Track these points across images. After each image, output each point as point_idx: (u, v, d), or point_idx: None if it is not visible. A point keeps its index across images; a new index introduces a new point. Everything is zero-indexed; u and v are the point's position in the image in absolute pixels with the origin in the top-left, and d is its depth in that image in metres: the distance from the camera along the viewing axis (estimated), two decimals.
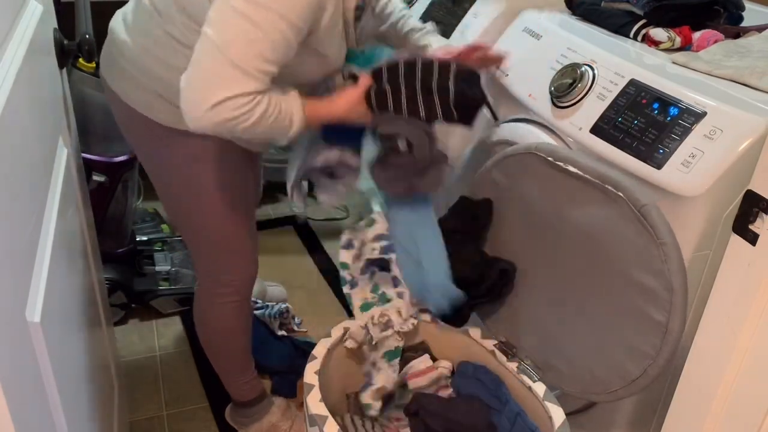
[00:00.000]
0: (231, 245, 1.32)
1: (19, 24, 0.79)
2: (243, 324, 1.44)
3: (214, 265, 1.34)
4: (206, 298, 1.39)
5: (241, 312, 1.41)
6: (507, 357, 1.18)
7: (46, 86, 0.90)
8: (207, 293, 1.38)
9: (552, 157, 1.08)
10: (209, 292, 1.38)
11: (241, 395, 1.53)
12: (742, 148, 0.95)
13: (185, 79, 0.96)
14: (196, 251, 1.35)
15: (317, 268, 2.23)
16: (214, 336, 1.45)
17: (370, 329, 1.18)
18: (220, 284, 1.35)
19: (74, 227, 1.01)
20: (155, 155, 1.24)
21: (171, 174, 1.24)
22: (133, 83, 1.15)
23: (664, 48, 1.25)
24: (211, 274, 1.36)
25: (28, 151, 0.73)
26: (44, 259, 0.74)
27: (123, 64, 1.14)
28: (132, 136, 1.25)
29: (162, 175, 1.26)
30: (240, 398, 1.53)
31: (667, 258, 0.92)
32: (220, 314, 1.39)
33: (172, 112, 1.07)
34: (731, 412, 0.79)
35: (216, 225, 1.28)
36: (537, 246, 1.15)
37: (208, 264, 1.35)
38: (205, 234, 1.30)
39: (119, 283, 1.84)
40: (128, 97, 1.16)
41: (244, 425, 1.56)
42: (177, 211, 1.31)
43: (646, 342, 0.97)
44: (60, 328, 0.78)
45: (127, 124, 1.23)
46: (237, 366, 1.49)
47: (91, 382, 0.99)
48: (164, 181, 1.26)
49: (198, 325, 1.45)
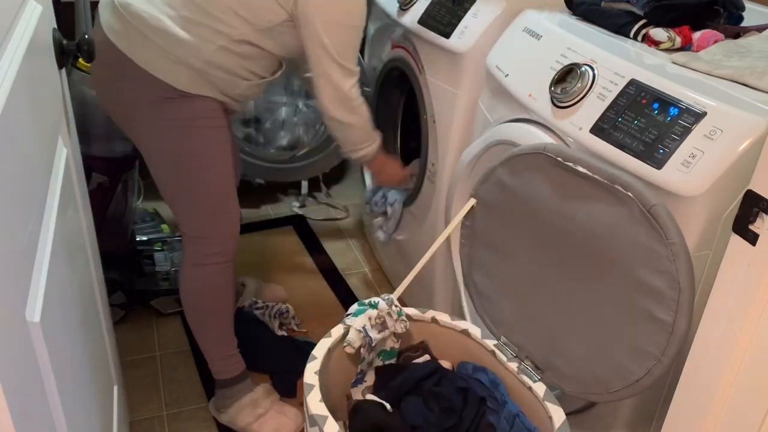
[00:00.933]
0: (222, 202, 1.44)
1: (18, 24, 0.79)
2: (228, 286, 1.52)
3: (205, 225, 1.44)
4: (194, 261, 1.48)
5: (227, 272, 1.50)
6: (507, 357, 1.18)
7: (45, 86, 0.90)
8: (195, 255, 1.47)
9: (561, 158, 1.08)
10: (198, 253, 1.47)
11: (224, 371, 1.56)
12: (742, 148, 0.95)
13: (317, 86, 1.40)
14: (187, 213, 1.44)
15: (317, 268, 2.23)
16: (200, 300, 1.51)
17: (369, 331, 1.18)
18: (209, 244, 1.46)
19: (74, 227, 1.01)
20: (160, 118, 1.33)
21: (174, 134, 1.35)
22: (156, 52, 1.28)
23: (664, 48, 1.25)
24: (201, 236, 1.45)
25: (27, 151, 0.73)
26: (44, 259, 0.74)
27: (147, 33, 1.27)
28: (139, 102, 1.33)
29: (164, 137, 1.36)
30: (222, 375, 1.56)
31: (676, 257, 0.93)
32: (207, 275, 1.48)
33: (191, 77, 1.30)
34: (731, 411, 0.79)
35: (212, 181, 1.40)
36: (541, 245, 1.15)
37: (199, 224, 1.44)
38: (201, 192, 1.41)
39: (119, 283, 1.84)
40: (149, 63, 1.28)
41: (225, 407, 1.57)
42: (175, 170, 1.39)
43: (651, 342, 0.97)
44: (60, 328, 0.78)
45: (137, 93, 1.32)
46: (220, 335, 1.54)
47: (91, 382, 0.99)
48: (165, 143, 1.36)
49: (185, 293, 1.52)
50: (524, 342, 1.19)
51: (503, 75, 1.38)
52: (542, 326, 1.15)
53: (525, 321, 1.19)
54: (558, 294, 1.12)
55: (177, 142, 1.36)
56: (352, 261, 2.30)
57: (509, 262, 1.21)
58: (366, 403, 1.16)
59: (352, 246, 2.39)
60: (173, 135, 1.35)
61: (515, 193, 1.17)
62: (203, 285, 1.50)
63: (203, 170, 1.39)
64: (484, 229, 1.25)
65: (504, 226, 1.21)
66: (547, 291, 1.14)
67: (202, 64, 1.30)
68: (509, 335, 1.22)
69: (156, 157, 1.40)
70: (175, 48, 1.28)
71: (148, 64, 1.28)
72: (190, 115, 1.34)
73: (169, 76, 1.29)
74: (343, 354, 1.19)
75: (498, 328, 1.24)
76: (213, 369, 1.57)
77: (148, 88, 1.30)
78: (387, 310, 1.19)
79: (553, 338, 1.13)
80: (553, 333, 1.13)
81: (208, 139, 1.37)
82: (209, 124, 1.36)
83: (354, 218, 2.55)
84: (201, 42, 1.28)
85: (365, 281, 2.20)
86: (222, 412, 1.58)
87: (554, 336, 1.13)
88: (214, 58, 1.30)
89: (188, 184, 1.40)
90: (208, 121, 1.36)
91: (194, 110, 1.34)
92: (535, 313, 1.17)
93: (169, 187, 1.43)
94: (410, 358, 1.26)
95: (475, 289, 1.29)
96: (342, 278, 2.19)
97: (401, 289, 1.24)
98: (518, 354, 1.19)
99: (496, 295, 1.25)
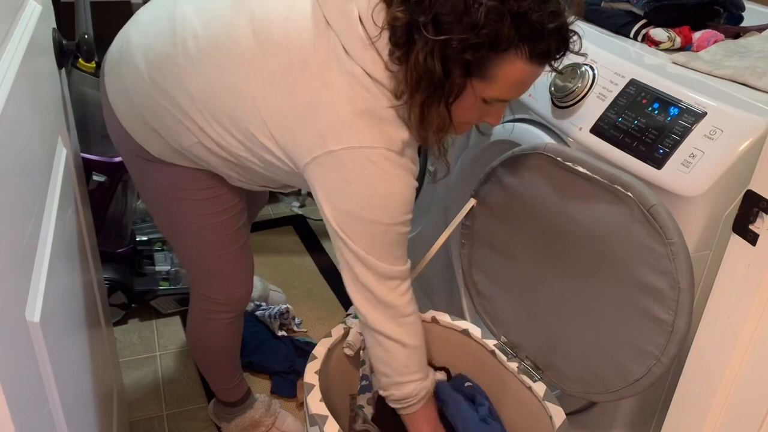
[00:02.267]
0: (224, 266, 1.28)
1: (18, 24, 0.79)
2: (234, 340, 1.44)
3: (203, 286, 1.32)
4: (198, 314, 1.37)
5: (233, 328, 1.40)
6: (507, 357, 1.18)
7: (45, 86, 0.90)
8: (198, 309, 1.36)
9: (560, 158, 1.08)
10: (200, 308, 1.36)
11: (226, 397, 1.54)
12: (742, 148, 0.95)
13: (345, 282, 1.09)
14: (187, 270, 1.35)
15: (317, 268, 2.23)
16: (204, 351, 1.45)
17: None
18: (211, 302, 1.33)
19: (74, 227, 1.01)
20: (144, 175, 1.19)
21: (156, 195, 1.21)
22: (133, 111, 1.09)
23: (664, 48, 1.25)
24: (200, 293, 1.33)
25: (27, 151, 0.73)
26: (44, 259, 0.74)
27: (131, 94, 1.08)
28: (122, 150, 1.19)
29: (148, 193, 1.23)
30: (225, 399, 1.54)
31: (676, 257, 0.93)
32: (211, 330, 1.38)
33: (168, 148, 1.10)
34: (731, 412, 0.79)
35: (208, 247, 1.24)
36: (541, 246, 1.15)
37: (197, 283, 1.33)
38: (191, 256, 1.28)
39: (119, 283, 1.84)
40: (125, 119, 1.11)
41: (226, 421, 1.56)
42: (163, 228, 1.28)
43: (651, 341, 0.97)
44: (60, 328, 0.78)
45: (117, 139, 1.17)
46: (225, 376, 1.51)
47: (91, 382, 0.99)
48: (150, 198, 1.24)
49: (190, 337, 1.46)
50: (524, 342, 1.19)
51: None
52: (542, 326, 1.15)
53: (525, 321, 1.19)
54: (558, 294, 1.12)
55: (162, 208, 1.21)
56: None
57: (509, 262, 1.21)
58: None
59: None
60: (157, 199, 1.20)
61: (515, 193, 1.17)
62: (210, 338, 1.41)
63: (198, 238, 1.22)
64: (484, 229, 1.25)
65: (504, 226, 1.21)
66: (547, 291, 1.14)
67: (178, 147, 1.09)
68: (509, 335, 1.22)
69: (149, 207, 1.26)
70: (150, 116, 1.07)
71: (125, 120, 1.11)
72: (170, 182, 1.15)
73: (143, 141, 1.11)
74: (344, 354, 1.19)
75: (498, 328, 1.24)
76: (215, 393, 1.56)
77: (129, 143, 1.13)
78: None
79: (553, 338, 1.13)
80: (553, 333, 1.13)
81: (194, 211, 1.18)
82: (195, 196, 1.16)
83: None
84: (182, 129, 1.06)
85: None
86: (222, 423, 1.58)
87: (554, 336, 1.13)
88: (193, 150, 1.08)
89: (183, 246, 1.27)
90: (193, 193, 1.16)
91: (176, 178, 1.14)
92: (535, 312, 1.17)
93: (169, 240, 1.30)
94: None
95: (475, 289, 1.29)
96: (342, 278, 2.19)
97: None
98: (518, 354, 1.19)
99: (496, 295, 1.25)
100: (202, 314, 1.36)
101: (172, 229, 1.25)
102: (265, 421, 1.56)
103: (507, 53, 0.89)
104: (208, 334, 1.39)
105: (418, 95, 0.92)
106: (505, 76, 0.91)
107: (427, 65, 0.89)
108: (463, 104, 0.95)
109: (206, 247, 1.24)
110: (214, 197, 1.18)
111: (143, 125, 1.09)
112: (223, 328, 1.37)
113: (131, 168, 1.21)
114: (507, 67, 0.90)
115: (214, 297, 1.32)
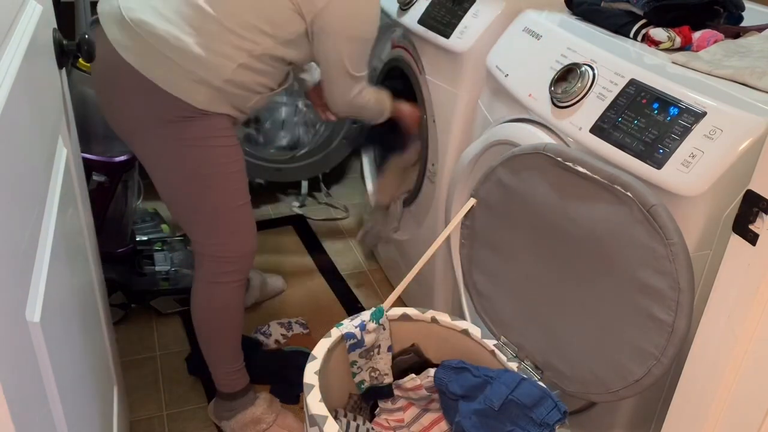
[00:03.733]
0: (240, 220, 1.42)
1: (18, 24, 0.79)
2: (239, 311, 1.51)
3: (224, 245, 1.41)
4: (208, 280, 1.45)
5: (239, 294, 1.49)
6: (507, 357, 1.18)
7: (45, 86, 0.90)
8: (210, 273, 1.44)
9: (561, 158, 1.08)
10: (213, 271, 1.43)
11: (228, 386, 1.54)
12: (742, 148, 0.95)
13: (327, 92, 1.47)
14: (204, 232, 1.41)
15: (317, 268, 2.23)
16: (213, 317, 1.49)
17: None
18: (225, 262, 1.43)
19: (74, 227, 1.01)
20: (175, 137, 1.30)
21: (190, 153, 1.32)
22: (174, 71, 1.25)
23: (664, 48, 1.25)
24: (218, 254, 1.42)
25: (27, 151, 0.73)
26: (44, 259, 0.74)
27: (165, 52, 1.24)
28: (151, 119, 1.29)
29: (178, 156, 1.32)
30: (226, 389, 1.55)
31: (675, 257, 0.93)
32: (223, 294, 1.46)
33: (210, 96, 1.28)
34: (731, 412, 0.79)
35: (229, 199, 1.38)
36: (541, 246, 1.15)
37: (217, 244, 1.41)
38: (218, 211, 1.38)
39: (119, 283, 1.84)
40: (166, 82, 1.25)
41: (226, 419, 1.56)
42: (190, 190, 1.36)
43: (651, 342, 0.97)
44: (60, 328, 0.78)
45: (149, 107, 1.28)
46: (229, 351, 1.53)
47: (91, 382, 0.99)
48: (180, 161, 1.33)
49: (197, 309, 1.49)
50: (524, 342, 1.19)
51: (503, 75, 1.38)
52: (542, 326, 1.15)
53: (525, 321, 1.19)
54: (558, 294, 1.12)
55: (193, 161, 1.33)
56: (352, 261, 2.30)
57: (509, 262, 1.21)
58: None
59: (352, 246, 2.39)
60: (189, 154, 1.33)
61: (515, 193, 1.17)
62: (218, 303, 1.47)
63: (220, 189, 1.37)
64: (484, 229, 1.25)
65: (504, 226, 1.21)
66: (547, 291, 1.14)
67: (222, 83, 1.28)
68: (509, 335, 1.22)
69: (169, 175, 1.36)
70: (195, 67, 1.25)
71: (166, 83, 1.25)
72: (206, 134, 1.32)
73: (188, 96, 1.26)
74: (344, 354, 1.19)
75: (498, 328, 1.24)
76: (217, 382, 1.56)
77: (164, 106, 1.27)
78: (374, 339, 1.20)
79: (553, 338, 1.13)
80: (553, 333, 1.13)
81: (224, 157, 1.35)
82: (225, 143, 1.35)
83: (354, 218, 2.55)
84: (222, 60, 1.27)
85: (365, 281, 2.20)
86: (223, 421, 1.58)
87: (554, 336, 1.13)
88: (234, 77, 1.29)
89: (204, 203, 1.37)
90: (224, 140, 1.34)
91: (211, 129, 1.32)
92: (535, 312, 1.17)
93: (183, 207, 1.40)
94: (402, 362, 1.26)
95: (475, 289, 1.29)
96: (342, 278, 2.19)
97: (399, 290, 1.23)
98: (518, 354, 1.19)
99: (496, 295, 1.25)
100: (213, 278, 1.44)
101: (196, 189, 1.35)
102: (267, 417, 1.56)
103: None
104: (217, 300, 1.46)
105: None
106: None
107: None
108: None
109: (228, 197, 1.38)
110: (236, 145, 1.37)
111: (185, 79, 1.25)
112: (231, 292, 1.46)
113: (162, 137, 1.31)
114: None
115: (228, 255, 1.42)
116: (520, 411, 1.07)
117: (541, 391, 1.06)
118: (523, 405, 1.06)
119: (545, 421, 1.04)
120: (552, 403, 1.04)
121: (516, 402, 1.07)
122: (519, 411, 1.07)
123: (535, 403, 1.05)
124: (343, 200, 2.65)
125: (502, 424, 1.08)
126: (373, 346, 1.21)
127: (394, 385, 1.26)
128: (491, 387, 1.10)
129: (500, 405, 1.08)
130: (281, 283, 2.08)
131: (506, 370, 1.15)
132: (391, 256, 2.13)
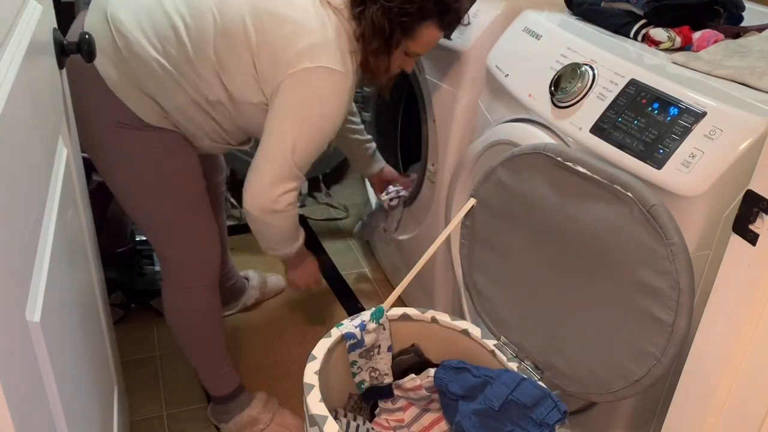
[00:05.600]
0: (192, 230, 1.40)
1: (18, 24, 0.79)
2: (214, 313, 1.50)
3: (179, 253, 1.41)
4: (176, 287, 1.44)
5: (211, 297, 1.47)
6: (507, 357, 1.18)
7: (45, 86, 0.90)
8: (178, 282, 1.44)
9: (560, 158, 1.08)
10: (179, 280, 1.43)
11: (218, 389, 1.55)
12: (742, 148, 0.95)
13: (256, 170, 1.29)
14: (163, 245, 1.41)
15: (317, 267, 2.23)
16: (186, 324, 1.49)
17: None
18: (188, 268, 1.42)
19: (74, 227, 1.01)
20: (121, 143, 1.28)
21: (134, 163, 1.30)
22: (129, 78, 1.22)
23: (664, 48, 1.25)
24: (177, 261, 1.42)
25: (28, 151, 0.73)
26: (44, 259, 0.74)
27: (127, 56, 1.21)
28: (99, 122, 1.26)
29: (124, 164, 1.31)
30: (218, 393, 1.55)
31: (675, 257, 0.93)
32: (191, 301, 1.45)
33: (158, 113, 1.26)
34: (731, 412, 0.79)
35: (179, 212, 1.36)
36: (541, 245, 1.15)
37: (178, 253, 1.41)
38: (171, 221, 1.37)
39: (119, 283, 1.84)
40: (118, 87, 1.22)
41: (224, 422, 1.57)
42: (143, 203, 1.35)
43: (651, 342, 0.97)
44: (60, 328, 0.78)
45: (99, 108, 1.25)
46: (211, 355, 1.52)
47: (91, 382, 0.99)
48: (125, 169, 1.31)
49: (171, 318, 1.49)
50: (524, 342, 1.19)
51: (503, 75, 1.38)
52: (542, 326, 1.15)
53: (525, 321, 1.19)
54: (558, 294, 1.12)
55: (137, 170, 1.30)
56: (352, 261, 2.30)
57: (509, 262, 1.21)
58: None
59: (352, 246, 2.39)
60: (133, 163, 1.30)
61: (515, 193, 1.17)
62: (189, 309, 1.46)
63: (174, 204, 1.35)
64: (484, 229, 1.25)
65: (504, 226, 1.21)
66: (547, 291, 1.14)
67: (171, 108, 1.26)
68: (509, 335, 1.22)
69: (118, 182, 1.34)
70: (149, 81, 1.22)
71: (118, 88, 1.22)
72: (151, 146, 1.28)
73: (136, 107, 1.23)
74: (343, 354, 1.19)
75: (498, 328, 1.24)
76: (206, 386, 1.57)
77: (112, 111, 1.24)
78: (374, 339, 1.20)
79: (553, 338, 1.13)
80: (553, 333, 1.13)
81: (169, 170, 1.32)
82: (171, 157, 1.31)
83: (354, 218, 2.55)
84: (177, 87, 1.24)
85: (365, 281, 2.19)
86: (221, 423, 1.58)
87: (554, 336, 1.13)
88: (185, 108, 1.26)
89: (158, 212, 1.35)
90: (169, 155, 1.31)
91: (156, 142, 1.28)
92: (535, 313, 1.17)
93: (136, 213, 1.38)
94: (402, 362, 1.26)
95: (475, 289, 1.29)
96: (342, 278, 2.19)
97: (399, 290, 1.23)
98: (518, 354, 1.19)
99: (496, 295, 1.25)
100: (181, 285, 1.44)
101: (149, 198, 1.34)
102: (264, 417, 1.56)
103: (427, 20, 1.30)
104: (189, 306, 1.46)
105: (373, 43, 1.28)
106: (422, 36, 1.32)
107: (380, 23, 1.25)
108: (396, 54, 1.34)
109: (184, 205, 1.36)
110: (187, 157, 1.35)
111: (136, 90, 1.23)
112: (202, 294, 1.45)
113: (109, 142, 1.28)
114: (425, 30, 1.31)
115: (191, 261, 1.42)
116: (520, 411, 1.07)
117: (541, 391, 1.06)
118: (523, 405, 1.06)
119: (545, 421, 1.04)
120: (552, 403, 1.04)
121: (516, 402, 1.07)
122: (519, 411, 1.07)
123: (535, 403, 1.05)
124: (343, 200, 2.65)
125: (502, 424, 1.08)
126: (373, 346, 1.21)
127: (394, 385, 1.26)
128: (491, 387, 1.10)
129: (500, 405, 1.08)
130: (281, 283, 2.08)
131: (506, 370, 1.15)
132: (391, 256, 2.13)
